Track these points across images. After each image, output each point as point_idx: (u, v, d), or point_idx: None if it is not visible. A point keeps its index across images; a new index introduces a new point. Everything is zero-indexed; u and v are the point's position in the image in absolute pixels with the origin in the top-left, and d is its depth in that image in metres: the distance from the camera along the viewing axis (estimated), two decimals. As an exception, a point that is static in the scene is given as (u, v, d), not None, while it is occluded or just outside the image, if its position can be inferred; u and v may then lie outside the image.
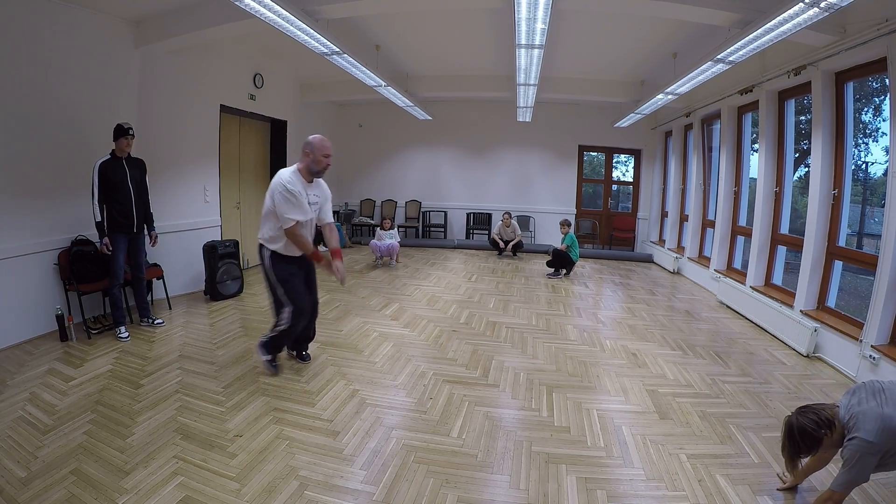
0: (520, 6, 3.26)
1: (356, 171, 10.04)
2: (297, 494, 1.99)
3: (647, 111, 6.74)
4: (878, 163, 4.33)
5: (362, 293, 5.37)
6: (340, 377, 3.17)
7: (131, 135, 3.71)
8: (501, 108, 8.70)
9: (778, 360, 3.75)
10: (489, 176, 9.48)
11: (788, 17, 3.03)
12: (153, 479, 2.05)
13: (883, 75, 3.56)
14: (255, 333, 3.93)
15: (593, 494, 2.06)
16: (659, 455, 2.37)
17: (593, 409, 2.84)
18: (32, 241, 3.68)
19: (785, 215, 4.87)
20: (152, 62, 4.58)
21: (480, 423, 2.63)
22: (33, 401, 2.72)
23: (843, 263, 3.99)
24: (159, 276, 4.52)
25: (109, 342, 3.68)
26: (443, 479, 2.13)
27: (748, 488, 2.11)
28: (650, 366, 3.53)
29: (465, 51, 6.01)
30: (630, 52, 5.68)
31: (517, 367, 3.44)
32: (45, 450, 2.25)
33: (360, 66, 5.03)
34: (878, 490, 2.13)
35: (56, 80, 3.77)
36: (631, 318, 4.76)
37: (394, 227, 7.39)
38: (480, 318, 4.57)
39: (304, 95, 7.64)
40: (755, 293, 4.84)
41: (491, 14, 4.63)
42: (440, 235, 9.54)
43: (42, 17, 3.63)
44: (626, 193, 9.74)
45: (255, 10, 3.37)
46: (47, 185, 3.77)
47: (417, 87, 7.21)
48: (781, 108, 4.83)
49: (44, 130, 3.71)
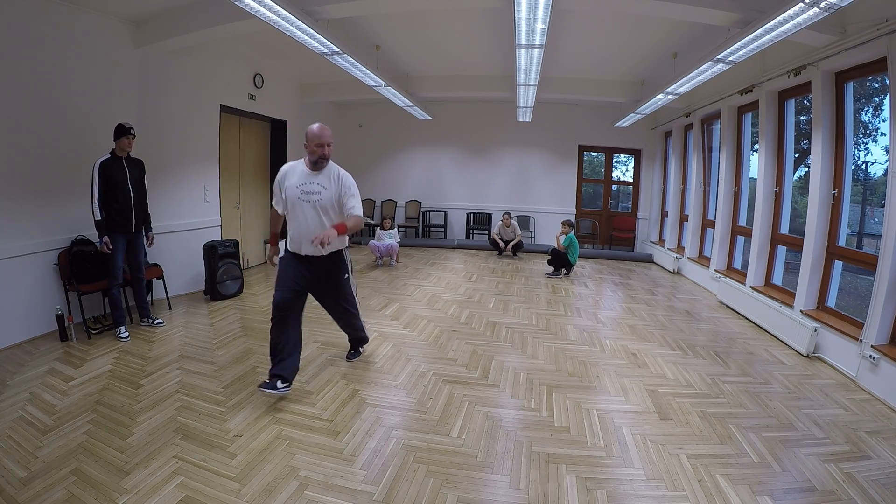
0: (520, 6, 3.26)
1: (356, 171, 9.86)
2: (297, 494, 1.99)
3: (647, 111, 6.74)
4: (878, 163, 4.33)
5: (362, 293, 5.36)
6: (340, 377, 3.17)
7: (132, 134, 3.71)
8: (501, 108, 8.70)
9: (778, 360, 3.75)
10: (489, 176, 9.48)
11: (788, 17, 3.03)
12: (153, 479, 2.05)
13: (883, 75, 3.55)
14: (255, 333, 3.93)
15: (593, 494, 2.06)
16: (659, 455, 2.37)
17: (593, 409, 2.84)
18: (32, 241, 3.68)
19: (785, 215, 4.86)
20: (152, 62, 4.58)
21: (480, 423, 2.63)
22: (33, 401, 2.72)
23: (843, 263, 3.99)
24: (159, 276, 4.52)
25: (109, 342, 3.68)
26: (443, 479, 2.13)
27: (748, 488, 2.11)
28: (650, 366, 3.53)
29: (465, 51, 6.00)
30: (630, 52, 5.68)
31: (517, 367, 3.44)
32: (45, 450, 2.25)
33: (360, 66, 5.02)
34: (878, 490, 2.13)
35: (56, 80, 3.77)
36: (631, 318, 4.76)
37: (394, 227, 7.39)
38: (480, 318, 4.57)
39: (304, 95, 7.64)
40: (755, 293, 4.84)
41: (491, 14, 4.63)
42: (440, 235, 9.54)
43: (42, 18, 3.63)
44: (626, 193, 9.74)
45: (255, 10, 3.37)
46: (47, 185, 3.77)
47: (417, 87, 7.20)
48: (781, 108, 4.83)
49: (44, 130, 3.72)
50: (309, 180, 2.80)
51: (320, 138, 2.76)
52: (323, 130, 2.78)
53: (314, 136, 2.76)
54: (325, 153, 2.80)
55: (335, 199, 2.82)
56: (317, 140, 2.76)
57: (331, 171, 2.85)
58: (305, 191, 2.78)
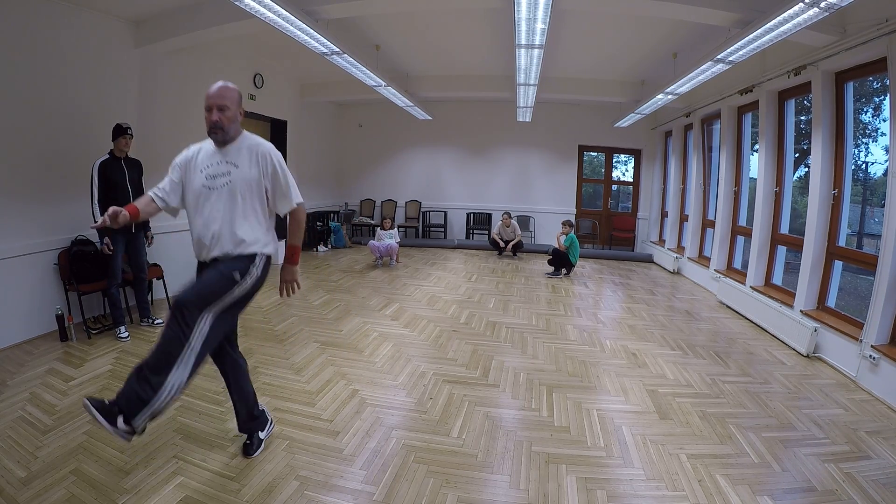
0: (520, 6, 3.26)
1: (356, 171, 10.04)
2: (297, 494, 1.99)
3: (647, 111, 6.74)
4: (878, 163, 4.32)
5: (362, 293, 5.37)
6: (340, 377, 3.17)
7: (129, 134, 3.71)
8: (501, 108, 8.70)
9: (778, 360, 3.75)
10: (489, 176, 9.48)
11: (788, 17, 3.04)
12: (153, 479, 2.05)
13: (883, 75, 3.56)
14: (255, 333, 3.93)
15: (593, 494, 2.06)
16: (659, 455, 2.37)
17: (593, 409, 2.84)
18: (32, 241, 3.68)
19: (785, 215, 4.87)
20: (152, 62, 4.58)
21: (480, 423, 2.63)
22: (33, 401, 2.72)
23: (843, 263, 3.99)
24: (159, 277, 4.52)
25: (109, 342, 3.68)
26: (443, 479, 2.13)
27: (748, 488, 2.11)
28: (650, 366, 3.53)
29: (465, 51, 6.01)
30: (630, 52, 5.68)
31: (517, 367, 3.43)
32: (45, 450, 2.24)
33: (360, 66, 5.03)
34: (878, 490, 2.13)
35: (56, 80, 3.77)
36: (631, 318, 4.76)
37: (394, 227, 7.39)
38: (480, 318, 4.57)
39: (304, 95, 7.65)
40: (755, 293, 4.84)
41: (491, 14, 4.63)
42: (440, 235, 9.54)
43: (42, 18, 3.63)
44: (626, 193, 9.74)
45: (255, 10, 3.37)
46: (47, 184, 3.77)
47: (417, 87, 7.21)
48: (781, 108, 4.83)
49: (44, 130, 3.71)
50: (215, 160, 2.07)
51: (208, 99, 2.00)
52: (217, 90, 2.01)
53: (205, 97, 2.02)
54: (216, 121, 2.00)
55: (253, 180, 2.06)
56: (205, 103, 2.01)
57: (243, 143, 2.11)
58: (212, 174, 2.04)
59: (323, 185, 9.26)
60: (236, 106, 2.07)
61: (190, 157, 2.13)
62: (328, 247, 8.35)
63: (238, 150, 2.08)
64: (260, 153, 2.10)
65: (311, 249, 8.10)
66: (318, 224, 8.31)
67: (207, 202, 2.05)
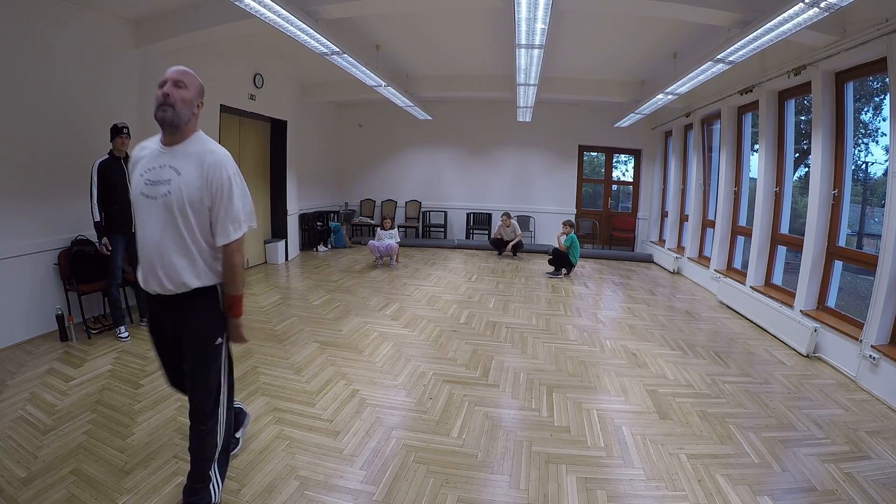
0: (520, 6, 3.26)
1: (356, 171, 10.04)
2: (297, 494, 1.99)
3: (647, 111, 6.74)
4: (878, 163, 4.33)
5: (362, 293, 5.37)
6: (340, 377, 3.17)
7: (126, 134, 3.71)
8: (501, 108, 8.70)
9: (778, 360, 3.75)
10: (489, 176, 9.48)
11: (788, 17, 3.04)
12: (153, 479, 2.05)
13: (883, 75, 3.55)
14: (255, 333, 3.92)
15: (593, 494, 2.06)
16: (659, 455, 2.37)
17: (593, 409, 2.84)
18: (32, 241, 3.68)
19: (785, 215, 4.87)
20: (152, 62, 4.58)
21: (480, 423, 2.63)
22: (33, 401, 2.72)
23: (842, 263, 3.99)
24: (159, 276, 4.51)
25: (109, 342, 3.68)
26: (443, 479, 2.13)
27: (748, 488, 2.11)
28: (650, 366, 3.53)
29: (465, 51, 6.00)
30: (630, 51, 5.68)
31: (517, 367, 3.44)
32: (45, 450, 2.25)
33: (360, 66, 5.03)
34: (878, 490, 2.13)
35: (56, 80, 3.77)
36: (631, 318, 4.76)
37: (394, 227, 7.40)
38: (480, 318, 4.57)
39: (304, 95, 7.64)
40: (755, 293, 4.84)
41: (491, 14, 4.63)
42: (440, 235, 9.54)
43: (42, 17, 3.63)
44: (626, 193, 9.74)
45: (255, 10, 3.37)
46: (47, 184, 3.77)
47: (417, 87, 7.20)
48: (781, 108, 4.83)
49: (44, 130, 3.72)
50: (157, 163, 1.70)
51: (164, 76, 1.74)
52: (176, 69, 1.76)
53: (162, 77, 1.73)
54: (167, 93, 1.69)
55: (195, 196, 1.66)
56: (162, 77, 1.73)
57: (191, 146, 1.72)
58: (152, 180, 1.68)
59: (323, 185, 9.26)
60: (196, 93, 1.76)
61: (138, 156, 1.79)
62: (328, 247, 8.37)
63: (185, 154, 1.70)
64: (209, 162, 1.68)
65: (311, 249, 8.13)
66: (318, 224, 8.32)
67: (142, 215, 1.70)
